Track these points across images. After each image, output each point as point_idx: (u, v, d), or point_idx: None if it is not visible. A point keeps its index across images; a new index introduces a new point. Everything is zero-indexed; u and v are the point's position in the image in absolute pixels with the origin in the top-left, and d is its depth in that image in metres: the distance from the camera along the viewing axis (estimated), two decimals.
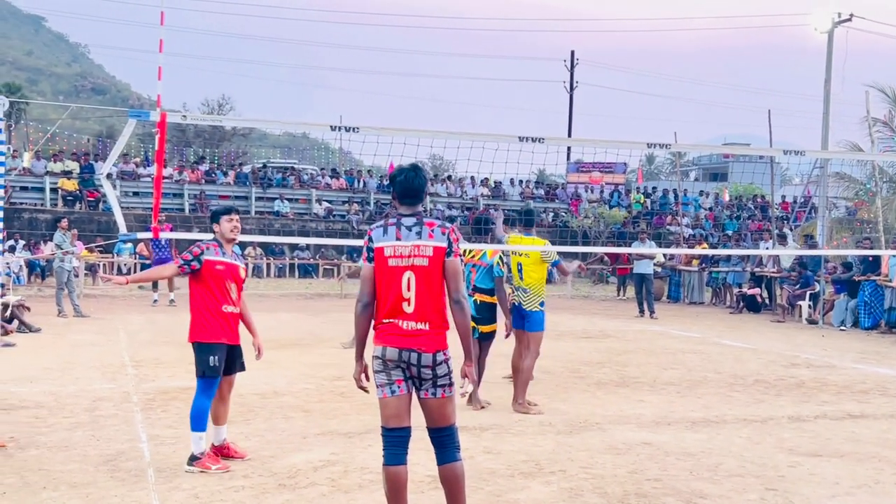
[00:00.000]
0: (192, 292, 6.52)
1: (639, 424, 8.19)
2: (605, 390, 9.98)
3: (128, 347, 12.83)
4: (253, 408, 8.59)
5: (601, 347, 13.68)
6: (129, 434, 7.41)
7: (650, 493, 5.92)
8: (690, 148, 37.75)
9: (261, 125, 25.65)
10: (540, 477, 6.28)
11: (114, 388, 9.52)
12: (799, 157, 9.94)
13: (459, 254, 4.75)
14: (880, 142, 22.40)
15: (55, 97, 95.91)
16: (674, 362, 12.50)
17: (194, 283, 6.51)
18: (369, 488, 5.84)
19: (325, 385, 9.90)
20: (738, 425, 8.24)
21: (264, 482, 6.03)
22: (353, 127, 8.26)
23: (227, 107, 61.75)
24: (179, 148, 43.81)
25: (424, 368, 4.57)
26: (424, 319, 4.59)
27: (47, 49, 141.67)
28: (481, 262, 8.83)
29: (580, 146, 36.43)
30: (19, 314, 14.37)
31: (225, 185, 33.40)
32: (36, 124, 44.71)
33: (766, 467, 6.69)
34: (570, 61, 51.80)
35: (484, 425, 7.92)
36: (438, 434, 4.71)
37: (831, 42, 22.50)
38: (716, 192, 41.64)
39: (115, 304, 20.45)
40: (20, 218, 27.86)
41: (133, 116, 7.63)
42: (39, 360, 11.32)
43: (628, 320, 19.20)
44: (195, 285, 6.51)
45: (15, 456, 6.62)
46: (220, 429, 6.65)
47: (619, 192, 39.36)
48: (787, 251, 22.06)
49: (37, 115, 56.85)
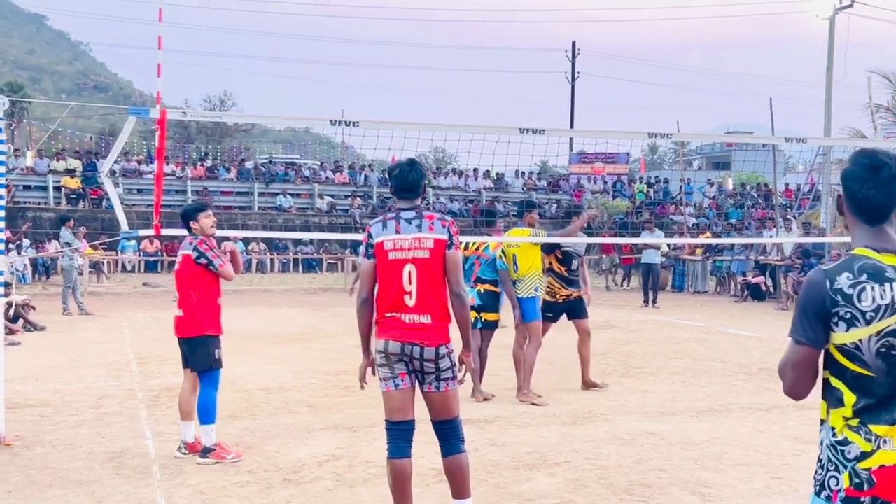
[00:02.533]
0: (195, 287, 6.51)
1: (643, 414, 8.19)
2: (609, 380, 9.96)
3: (132, 345, 12.86)
4: (258, 403, 8.61)
5: (605, 338, 13.67)
6: (135, 431, 7.43)
7: (655, 483, 5.92)
8: (692, 137, 37.62)
9: (261, 121, 25.75)
10: (545, 468, 6.29)
11: (119, 386, 9.55)
12: (801, 144, 9.90)
13: (459, 246, 4.76)
14: (883, 128, 22.36)
15: (57, 96, 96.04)
16: (678, 352, 12.49)
17: (198, 279, 6.51)
18: (374, 482, 5.85)
19: (329, 380, 9.92)
20: (742, 414, 8.23)
21: (269, 477, 6.04)
22: (354, 121, 8.23)
23: (229, 103, 61.67)
24: (182, 144, 43.80)
25: (427, 362, 4.58)
26: (426, 312, 4.59)
27: (49, 47, 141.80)
28: (484, 254, 8.87)
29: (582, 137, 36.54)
30: (24, 313, 14.40)
31: (227, 181, 33.37)
32: (38, 123, 44.71)
33: (771, 455, 6.69)
34: (572, 52, 51.71)
35: (489, 417, 7.92)
36: (442, 427, 4.71)
37: (833, 29, 22.44)
38: (719, 181, 41.52)
39: (119, 302, 20.49)
40: (24, 217, 27.89)
41: (133, 114, 7.61)
42: (44, 359, 11.35)
43: (632, 310, 19.18)
44: (198, 280, 6.51)
45: (20, 454, 6.64)
46: (192, 424, 6.67)
47: (622, 183, 39.29)
48: (791, 239, 22.02)
49: (39, 113, 56.90)
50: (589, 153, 39.11)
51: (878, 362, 2.67)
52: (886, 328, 2.67)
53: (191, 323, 6.48)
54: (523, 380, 8.76)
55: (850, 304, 2.69)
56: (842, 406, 2.72)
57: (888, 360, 2.67)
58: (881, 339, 2.67)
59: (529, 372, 8.78)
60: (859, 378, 2.69)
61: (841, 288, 2.71)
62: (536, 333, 8.76)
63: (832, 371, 2.76)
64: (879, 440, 2.65)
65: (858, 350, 2.68)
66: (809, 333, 2.76)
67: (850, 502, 2.66)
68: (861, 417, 2.68)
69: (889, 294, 2.68)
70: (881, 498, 2.63)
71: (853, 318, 2.68)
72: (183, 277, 6.56)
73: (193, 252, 6.49)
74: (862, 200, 2.81)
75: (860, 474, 2.65)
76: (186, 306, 6.51)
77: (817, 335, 2.74)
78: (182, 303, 6.54)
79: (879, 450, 2.64)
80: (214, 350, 6.49)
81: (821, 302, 2.73)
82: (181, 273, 6.58)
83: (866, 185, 2.80)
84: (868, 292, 2.69)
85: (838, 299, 2.70)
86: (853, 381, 2.70)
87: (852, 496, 2.65)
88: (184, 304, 6.52)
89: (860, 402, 2.68)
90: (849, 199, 2.86)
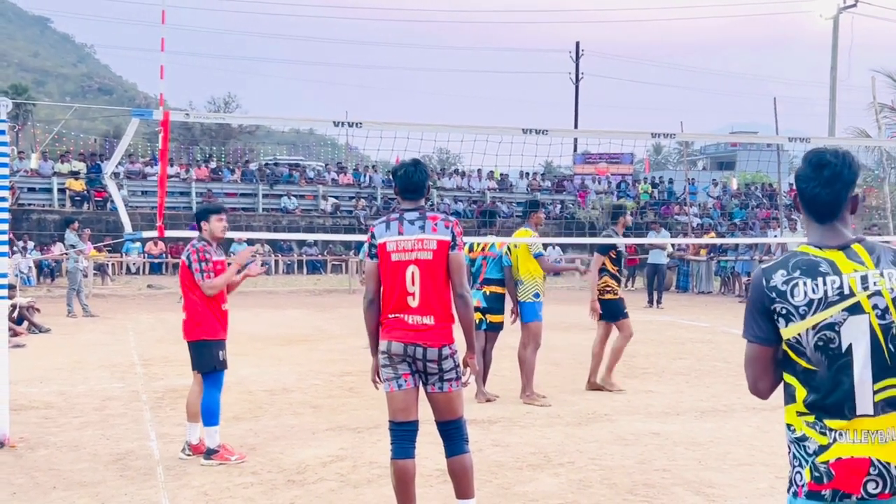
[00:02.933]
0: (195, 292, 6.53)
1: (647, 415, 8.19)
2: (613, 381, 9.95)
3: (136, 346, 12.88)
4: (262, 404, 8.61)
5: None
6: (139, 433, 7.44)
7: (659, 484, 5.91)
8: (696, 137, 37.63)
9: (265, 122, 25.80)
10: (548, 469, 6.28)
11: (123, 388, 9.56)
12: (805, 143, 9.88)
13: (463, 247, 4.75)
14: (887, 127, 22.30)
15: (62, 98, 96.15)
16: (682, 352, 12.49)
17: (196, 283, 6.54)
18: (378, 483, 5.85)
19: (333, 381, 9.92)
20: (747, 414, 8.22)
21: (273, 478, 6.05)
22: (357, 122, 8.23)
23: (233, 105, 61.73)
24: (186, 146, 43.83)
25: (430, 363, 4.57)
26: (429, 313, 4.59)
27: (53, 50, 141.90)
28: (490, 252, 8.90)
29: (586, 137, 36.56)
30: (29, 315, 14.43)
31: (232, 182, 33.41)
32: (43, 125, 44.73)
33: (775, 456, 6.67)
34: (576, 52, 51.65)
35: (492, 418, 7.92)
36: (446, 427, 4.72)
37: (836, 28, 22.40)
38: (723, 181, 41.47)
39: (123, 304, 20.52)
40: (29, 219, 27.94)
41: (136, 116, 7.61)
42: (49, 361, 11.37)
43: (636, 311, 19.14)
44: (197, 285, 6.54)
45: (25, 456, 6.65)
46: (198, 426, 6.68)
47: (627, 183, 39.26)
48: (795, 239, 21.97)
49: (43, 116, 56.92)
50: (593, 153, 39.08)
51: (818, 356, 2.71)
52: (821, 321, 2.71)
53: (193, 326, 6.51)
54: (527, 380, 8.76)
55: (783, 299, 2.76)
56: (794, 402, 2.77)
57: (826, 353, 2.70)
58: (817, 332, 2.71)
59: (531, 373, 8.78)
60: (806, 373, 2.73)
61: (776, 285, 2.78)
62: (536, 335, 8.76)
63: (785, 367, 2.82)
64: (835, 433, 2.69)
65: (800, 345, 2.74)
66: (756, 331, 2.86)
67: (812, 496, 2.71)
68: (816, 413, 2.72)
69: (822, 288, 2.73)
70: (841, 490, 2.66)
71: (788, 313, 2.75)
72: (183, 282, 6.61)
73: (187, 259, 6.54)
74: (809, 199, 2.89)
75: (819, 468, 2.70)
76: (189, 310, 6.54)
77: (764, 332, 2.83)
78: (185, 306, 6.58)
79: (836, 443, 2.68)
80: (218, 352, 6.51)
81: (760, 299, 2.83)
82: (182, 277, 6.63)
83: (812, 184, 2.87)
84: (800, 287, 2.75)
85: (773, 296, 2.78)
86: (802, 376, 2.75)
87: (814, 490, 2.71)
88: (187, 308, 6.56)
89: (809, 397, 2.72)
90: (800, 197, 2.94)
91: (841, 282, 2.72)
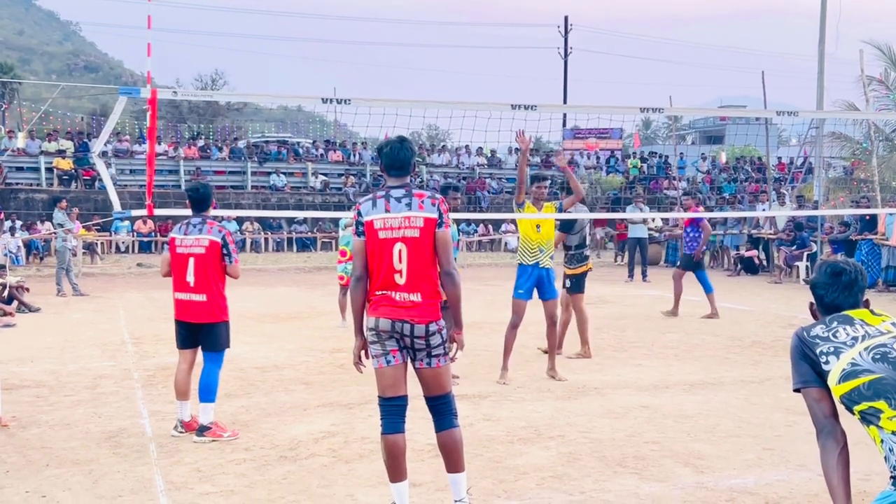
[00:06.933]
0: (220, 273, 6.61)
1: (637, 388, 8.25)
2: (603, 355, 10.03)
3: (127, 325, 12.88)
4: (253, 381, 8.65)
5: (599, 313, 13.69)
6: (131, 410, 7.46)
7: (648, 456, 5.97)
8: (684, 111, 37.60)
9: (253, 99, 25.65)
10: (539, 442, 6.34)
11: (114, 366, 9.57)
12: (793, 117, 9.91)
13: (450, 225, 4.77)
14: (876, 100, 22.29)
15: (48, 76, 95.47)
16: (671, 326, 12.56)
17: (222, 265, 6.61)
18: (370, 458, 5.89)
19: (324, 357, 9.96)
20: (735, 386, 8.29)
21: (266, 454, 6.09)
22: (345, 99, 8.21)
23: (220, 82, 61.42)
24: (174, 124, 43.60)
25: (417, 339, 4.60)
26: (416, 291, 4.60)
27: (38, 28, 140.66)
28: None
29: (574, 112, 36.55)
30: (18, 295, 14.40)
31: (220, 160, 33.28)
32: (29, 104, 44.47)
33: (763, 427, 6.75)
34: (564, 27, 51.46)
35: (483, 393, 7.97)
36: (435, 402, 4.75)
37: (825, 1, 22.33)
38: (712, 155, 41.49)
39: (113, 283, 20.48)
40: (16, 198, 27.82)
41: (123, 94, 7.57)
42: (40, 340, 11.37)
43: (626, 285, 19.26)
44: (222, 267, 6.62)
45: (17, 435, 6.67)
46: (188, 403, 6.72)
47: (616, 158, 39.26)
48: (784, 212, 22.06)
49: (30, 94, 56.59)
50: (582, 129, 39.08)
51: (880, 364, 3.01)
52: (872, 345, 3.06)
53: (213, 308, 6.53)
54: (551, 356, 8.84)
55: (828, 340, 3.12)
56: (880, 418, 2.99)
57: (886, 360, 3.01)
58: (871, 351, 3.04)
59: (508, 351, 8.74)
60: (872, 384, 2.99)
61: (817, 333, 3.16)
62: (514, 312, 8.71)
63: (848, 407, 3.09)
64: None
65: (857, 366, 3.03)
66: (803, 377, 3.19)
67: None
68: None
69: (862, 330, 3.12)
70: None
71: (837, 348, 3.09)
72: (208, 263, 6.53)
73: (222, 240, 6.55)
74: (829, 305, 3.25)
75: None
76: (210, 291, 6.52)
77: (809, 375, 3.17)
78: (205, 288, 6.51)
79: None
80: (229, 332, 6.69)
81: (801, 349, 3.18)
82: (207, 259, 6.52)
83: (830, 290, 3.24)
84: (841, 331, 3.13)
85: (817, 341, 3.14)
86: (870, 391, 2.99)
87: None
88: (207, 290, 6.51)
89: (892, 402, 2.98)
90: (818, 304, 3.31)
91: (877, 327, 3.13)
